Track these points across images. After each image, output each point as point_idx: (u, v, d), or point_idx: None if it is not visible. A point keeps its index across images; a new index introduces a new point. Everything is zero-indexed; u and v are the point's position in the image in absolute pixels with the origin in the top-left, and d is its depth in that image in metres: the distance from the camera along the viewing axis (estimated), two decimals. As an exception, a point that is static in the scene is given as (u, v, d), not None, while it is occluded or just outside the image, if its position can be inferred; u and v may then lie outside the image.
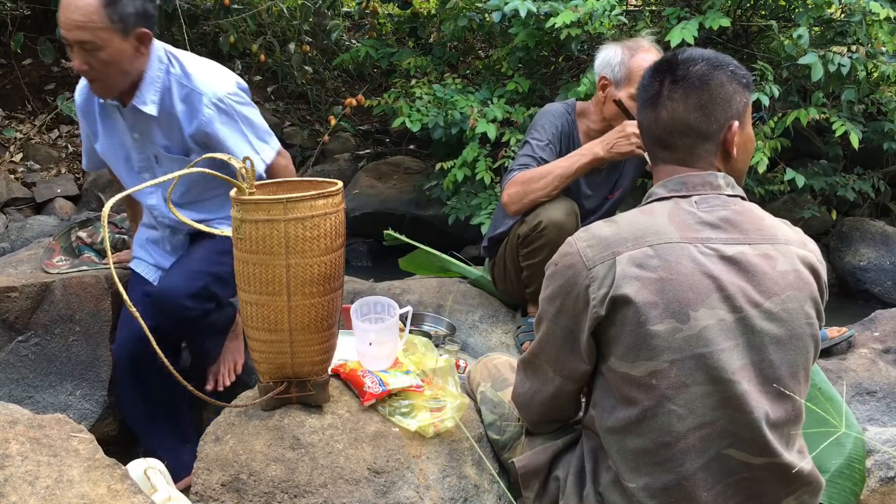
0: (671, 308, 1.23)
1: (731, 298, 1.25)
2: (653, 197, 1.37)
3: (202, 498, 1.55)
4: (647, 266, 1.25)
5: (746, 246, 1.28)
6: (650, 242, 1.26)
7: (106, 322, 2.22)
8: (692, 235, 1.28)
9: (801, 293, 1.28)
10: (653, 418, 1.27)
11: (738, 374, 1.24)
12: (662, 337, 1.24)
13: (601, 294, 1.26)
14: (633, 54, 2.18)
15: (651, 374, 1.25)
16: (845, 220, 4.47)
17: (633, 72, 2.16)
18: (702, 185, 1.33)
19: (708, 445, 1.26)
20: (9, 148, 4.85)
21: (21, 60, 5.18)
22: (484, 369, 1.84)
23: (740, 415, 1.24)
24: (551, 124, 2.29)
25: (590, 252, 1.29)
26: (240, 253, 1.58)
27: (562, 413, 1.53)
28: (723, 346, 1.24)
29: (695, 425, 1.25)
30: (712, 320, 1.24)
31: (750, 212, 1.33)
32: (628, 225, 1.30)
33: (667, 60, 1.37)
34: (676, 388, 1.24)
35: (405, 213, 4.63)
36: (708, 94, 1.32)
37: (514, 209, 2.20)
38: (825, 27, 4.09)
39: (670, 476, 1.27)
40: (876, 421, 1.99)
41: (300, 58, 5.32)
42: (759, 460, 1.27)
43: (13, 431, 1.38)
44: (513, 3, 3.48)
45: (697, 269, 1.25)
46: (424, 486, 1.60)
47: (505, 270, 2.41)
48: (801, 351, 1.29)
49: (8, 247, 3.79)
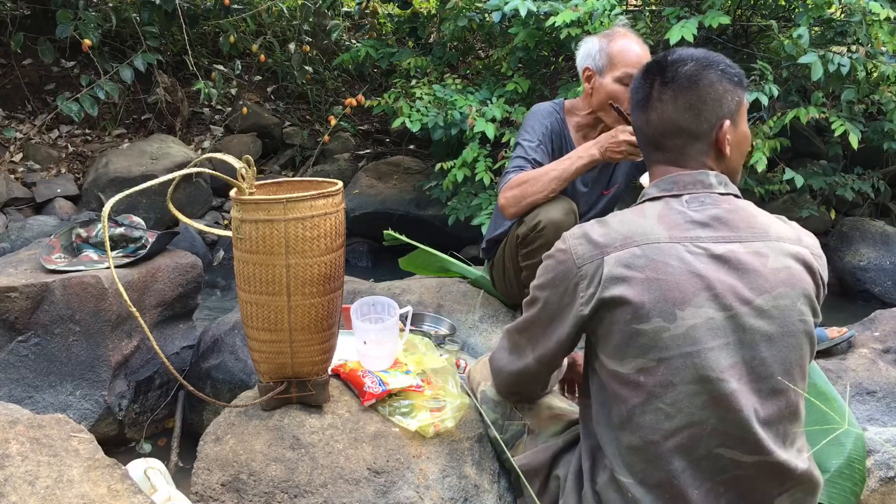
0: (658, 307, 1.24)
1: (720, 297, 1.25)
2: (645, 197, 1.38)
3: (202, 498, 1.55)
4: (633, 266, 1.26)
5: (737, 244, 1.29)
6: (638, 242, 1.28)
7: (106, 322, 2.22)
8: (680, 235, 1.28)
9: (794, 290, 1.29)
10: (641, 416, 1.28)
11: (726, 373, 1.24)
12: (649, 336, 1.25)
13: (588, 293, 1.28)
14: (611, 40, 2.22)
15: (638, 371, 1.27)
16: (845, 219, 4.47)
17: (613, 55, 2.19)
18: (692, 185, 1.34)
19: (696, 444, 1.26)
20: (9, 148, 4.85)
21: (21, 60, 5.18)
22: (484, 368, 1.84)
23: (729, 413, 1.25)
24: (540, 124, 2.30)
25: (580, 250, 1.31)
26: (240, 253, 1.58)
27: (526, 388, 1.59)
28: (710, 345, 1.24)
29: (683, 424, 1.26)
30: (700, 319, 1.24)
31: (742, 209, 1.33)
32: (619, 225, 1.32)
33: (656, 62, 1.38)
34: (664, 387, 1.25)
35: (405, 213, 4.63)
36: (697, 95, 1.32)
37: (511, 212, 2.19)
38: (825, 27, 4.09)
39: (661, 473, 1.28)
40: (876, 421, 1.99)
41: (300, 58, 5.32)
42: (751, 458, 1.27)
43: (13, 431, 1.38)
44: (513, 2, 3.48)
45: (685, 268, 1.26)
46: (424, 486, 1.60)
47: (504, 271, 2.41)
48: (794, 348, 1.29)
49: (8, 247, 3.80)
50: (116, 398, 2.27)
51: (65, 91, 4.81)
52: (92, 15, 4.43)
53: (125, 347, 2.29)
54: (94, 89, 4.38)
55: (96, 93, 4.37)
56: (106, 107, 5.10)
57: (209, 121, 5.56)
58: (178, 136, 5.21)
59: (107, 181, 4.48)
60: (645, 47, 2.22)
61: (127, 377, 2.32)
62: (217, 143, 5.31)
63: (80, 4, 4.39)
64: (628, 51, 2.17)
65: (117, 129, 5.22)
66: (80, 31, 4.30)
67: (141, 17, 4.68)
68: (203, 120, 5.57)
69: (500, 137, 3.83)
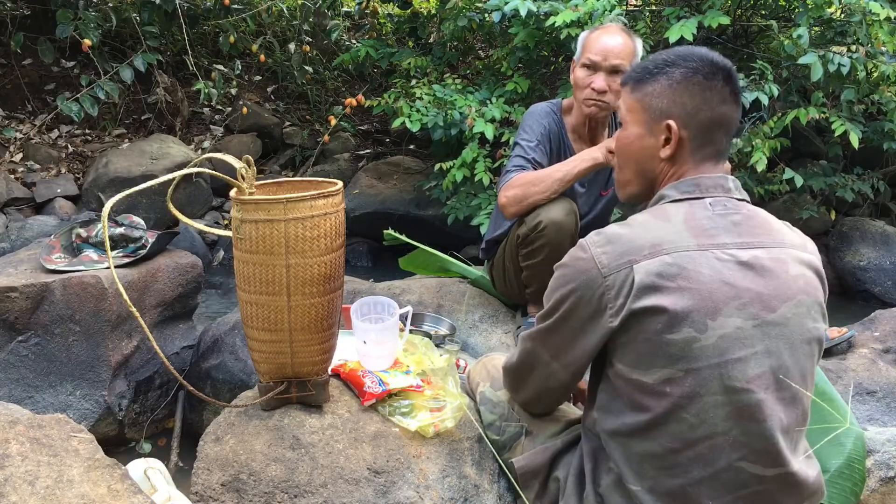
0: (690, 317, 1.22)
1: (747, 305, 1.23)
2: (665, 199, 1.34)
3: (202, 498, 1.55)
4: (665, 275, 1.23)
5: (760, 250, 1.27)
6: (668, 250, 1.24)
7: (106, 322, 2.22)
8: (709, 242, 1.26)
9: (810, 297, 1.28)
10: (664, 425, 1.25)
11: (753, 384, 1.23)
12: (679, 346, 1.22)
13: (618, 304, 1.24)
14: (591, 31, 2.26)
15: (665, 381, 1.24)
16: (845, 220, 4.47)
17: (585, 44, 2.23)
18: (714, 188, 1.32)
19: (718, 455, 1.25)
20: (9, 148, 4.85)
21: (21, 60, 5.18)
22: (484, 369, 1.84)
23: (754, 424, 1.23)
24: (538, 124, 2.30)
25: (605, 259, 1.26)
26: (240, 253, 1.58)
27: (553, 396, 1.53)
28: (739, 355, 1.23)
29: (706, 434, 1.24)
30: (729, 329, 1.22)
31: (758, 215, 1.33)
32: (643, 231, 1.28)
33: (728, 69, 1.34)
34: (690, 398, 1.23)
35: (405, 213, 4.63)
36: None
37: (512, 211, 2.19)
38: (825, 27, 4.09)
39: (676, 482, 1.27)
40: (876, 421, 1.99)
41: (300, 58, 5.33)
42: (772, 471, 1.26)
43: (13, 431, 1.38)
44: (513, 2, 3.48)
45: (716, 276, 1.23)
46: (424, 486, 1.60)
47: (504, 271, 2.41)
48: (808, 355, 1.29)
49: (8, 247, 3.80)
50: (116, 398, 2.27)
51: (65, 91, 4.81)
52: (92, 15, 4.43)
53: (125, 347, 2.29)
54: (94, 89, 4.38)
55: (96, 93, 4.37)
56: (106, 107, 5.10)
57: (209, 121, 5.56)
58: (178, 136, 5.21)
59: (107, 181, 4.48)
60: (628, 41, 2.20)
61: (127, 377, 2.32)
62: (217, 143, 5.31)
63: (80, 4, 4.39)
64: (597, 40, 2.20)
65: (117, 129, 5.22)
66: (80, 31, 4.30)
67: (141, 17, 4.68)
68: (203, 120, 5.58)
69: (500, 137, 3.83)
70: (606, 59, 2.16)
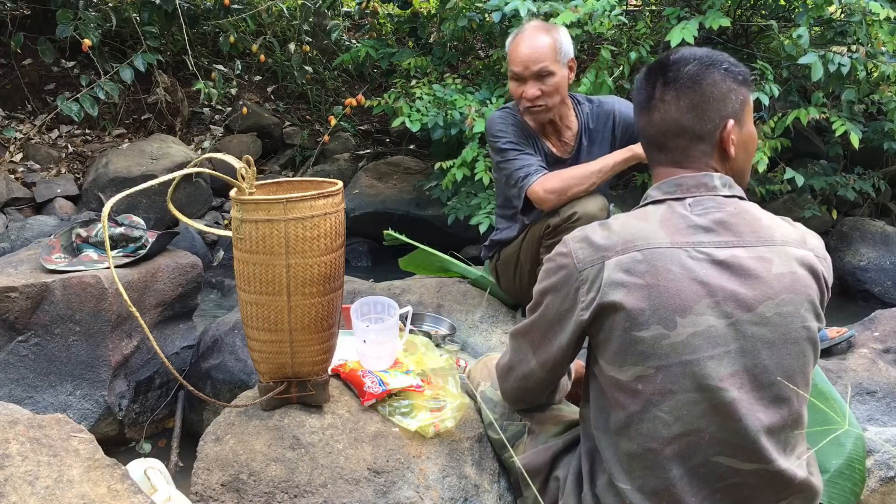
0: (658, 314, 1.23)
1: (721, 304, 1.23)
2: (648, 200, 1.35)
3: (202, 498, 1.55)
4: (634, 271, 1.24)
5: (740, 249, 1.27)
6: (639, 247, 1.25)
7: (106, 322, 2.22)
8: (683, 240, 1.26)
9: (798, 296, 1.27)
10: (639, 423, 1.26)
11: (726, 382, 1.23)
12: (648, 343, 1.23)
13: (589, 298, 1.27)
14: (511, 41, 2.29)
15: (637, 378, 1.25)
16: (845, 219, 4.47)
17: (508, 56, 2.29)
18: (696, 187, 1.31)
19: (694, 452, 1.25)
20: (9, 148, 4.85)
21: (21, 60, 5.18)
22: (484, 369, 1.84)
23: (729, 422, 1.23)
24: (507, 125, 2.33)
25: (581, 254, 1.29)
26: (240, 253, 1.58)
27: (531, 396, 1.55)
28: (710, 354, 1.23)
29: (681, 432, 1.24)
30: (701, 327, 1.23)
31: (746, 212, 1.31)
32: (620, 228, 1.29)
33: (659, 62, 1.36)
34: (662, 395, 1.24)
35: (405, 213, 4.63)
36: (700, 94, 1.30)
37: (552, 202, 2.20)
38: (825, 27, 4.10)
39: (659, 481, 1.27)
40: (876, 421, 1.99)
41: (300, 58, 5.33)
42: (749, 466, 1.26)
43: (13, 431, 1.38)
44: (513, 3, 3.48)
45: (686, 274, 1.24)
46: (424, 486, 1.60)
47: (516, 267, 2.41)
48: (796, 355, 1.27)
49: (8, 247, 3.80)
50: (116, 398, 2.27)
51: (65, 91, 4.81)
52: (92, 15, 4.43)
53: (125, 347, 2.29)
54: (94, 89, 4.38)
55: (96, 93, 4.37)
56: (106, 107, 5.10)
57: (209, 121, 5.56)
58: (178, 136, 5.22)
59: (107, 181, 4.48)
60: (545, 39, 2.22)
61: (127, 377, 2.32)
62: (217, 143, 5.31)
63: (80, 4, 4.39)
64: (515, 51, 2.25)
65: (117, 129, 5.22)
66: (80, 31, 4.31)
67: (141, 17, 4.68)
68: (203, 120, 5.58)
69: (500, 137, 3.82)
70: (528, 69, 2.21)
